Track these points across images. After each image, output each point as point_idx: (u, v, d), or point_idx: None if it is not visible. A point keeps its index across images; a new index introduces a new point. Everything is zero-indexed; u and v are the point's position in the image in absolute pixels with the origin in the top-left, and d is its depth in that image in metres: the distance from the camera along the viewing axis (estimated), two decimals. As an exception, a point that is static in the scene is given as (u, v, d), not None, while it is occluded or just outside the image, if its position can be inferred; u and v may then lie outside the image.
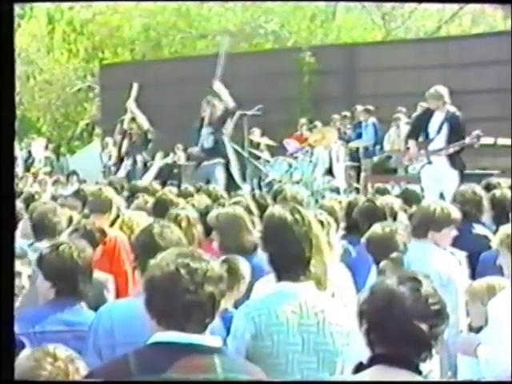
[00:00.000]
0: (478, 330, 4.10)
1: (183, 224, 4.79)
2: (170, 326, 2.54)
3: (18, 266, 3.60)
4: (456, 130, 9.59)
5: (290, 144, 14.77)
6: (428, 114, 9.90)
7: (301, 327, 3.25)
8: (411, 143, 10.06)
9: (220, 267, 2.64)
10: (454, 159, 9.61)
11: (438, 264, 4.63)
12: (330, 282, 4.11)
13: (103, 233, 5.20)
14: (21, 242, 4.81)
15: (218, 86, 11.69)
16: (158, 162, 12.99)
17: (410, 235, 4.82)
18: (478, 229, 5.82)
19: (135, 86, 12.71)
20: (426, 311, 2.38)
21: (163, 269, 2.55)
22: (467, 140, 9.58)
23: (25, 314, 3.55)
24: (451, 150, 9.56)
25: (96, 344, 3.33)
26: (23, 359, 2.42)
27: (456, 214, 4.99)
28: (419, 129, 10.06)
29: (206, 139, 11.27)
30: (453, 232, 4.93)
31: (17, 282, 3.55)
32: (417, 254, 4.57)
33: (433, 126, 9.75)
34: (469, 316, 4.32)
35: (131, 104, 12.64)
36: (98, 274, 4.25)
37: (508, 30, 20.55)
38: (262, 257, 3.56)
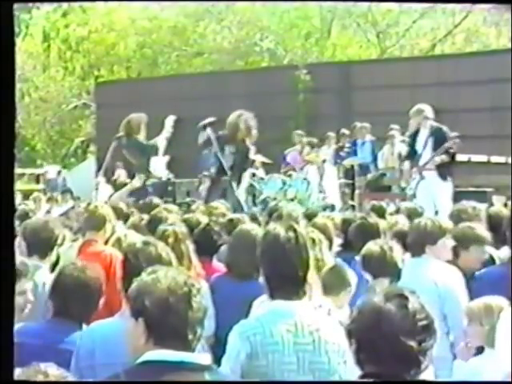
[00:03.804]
0: (478, 350, 4.08)
1: (170, 240, 4.73)
2: (167, 345, 2.53)
3: (23, 283, 3.61)
4: (441, 142, 9.87)
5: (293, 157, 14.80)
6: (415, 133, 10.18)
7: (296, 346, 3.23)
8: (405, 164, 10.33)
9: (204, 284, 2.68)
10: (444, 170, 9.80)
11: (435, 275, 4.65)
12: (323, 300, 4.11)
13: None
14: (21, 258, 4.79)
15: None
16: (136, 182, 12.87)
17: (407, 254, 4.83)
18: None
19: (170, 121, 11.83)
20: (414, 327, 2.38)
21: (163, 289, 2.55)
22: (447, 144, 9.76)
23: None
24: (437, 159, 9.77)
25: (78, 365, 3.30)
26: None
27: (447, 224, 5.07)
28: (411, 149, 10.32)
29: (228, 157, 11.23)
30: (449, 242, 4.96)
31: (21, 299, 3.55)
32: (414, 271, 4.57)
33: (419, 143, 10.06)
34: (467, 337, 4.29)
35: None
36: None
37: (502, 49, 20.69)
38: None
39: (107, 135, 14.33)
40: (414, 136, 10.19)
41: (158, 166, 12.87)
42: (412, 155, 10.24)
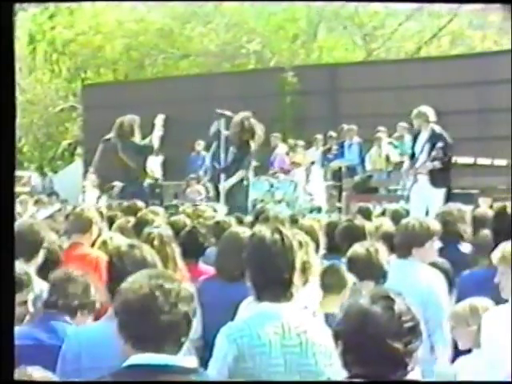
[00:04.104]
0: (467, 352, 4.09)
1: (156, 243, 4.72)
2: (145, 348, 2.51)
3: (24, 294, 3.66)
4: (439, 147, 9.70)
5: (280, 159, 14.83)
6: (415, 135, 10.24)
7: (283, 348, 3.23)
8: (406, 164, 10.37)
9: (190, 287, 2.63)
10: (436, 177, 9.76)
11: (420, 279, 4.65)
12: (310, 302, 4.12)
13: None
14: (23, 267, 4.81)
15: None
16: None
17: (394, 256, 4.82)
18: (465, 247, 5.82)
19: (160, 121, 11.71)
20: (400, 329, 2.38)
21: (137, 291, 2.52)
22: (433, 153, 9.72)
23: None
24: (429, 165, 9.69)
25: (64, 369, 3.29)
26: None
27: (435, 225, 5.04)
28: (412, 151, 10.32)
29: (230, 157, 11.21)
30: (436, 244, 4.96)
31: (21, 310, 3.60)
32: (400, 273, 4.57)
33: (418, 146, 9.99)
34: (457, 340, 4.31)
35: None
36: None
37: (487, 52, 20.81)
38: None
39: (94, 138, 14.32)
40: (415, 138, 10.18)
41: (154, 166, 12.86)
42: (411, 157, 10.25)
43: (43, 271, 4.50)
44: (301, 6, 23.92)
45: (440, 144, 9.70)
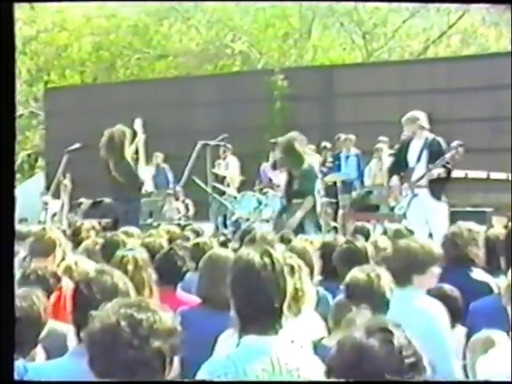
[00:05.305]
0: None
1: (130, 267, 4.72)
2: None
3: None
4: (437, 155, 9.63)
5: (269, 172, 14.84)
6: (406, 143, 10.03)
7: (273, 387, 3.22)
8: (394, 179, 10.11)
9: (173, 319, 2.60)
10: (438, 190, 9.67)
11: (421, 313, 4.64)
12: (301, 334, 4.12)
13: (57, 278, 5.15)
14: None
15: None
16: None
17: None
18: (477, 274, 5.81)
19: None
20: (401, 365, 2.36)
21: (103, 321, 2.51)
22: (448, 155, 9.61)
23: None
24: (434, 173, 9.62)
25: None
26: None
27: (438, 249, 5.03)
28: (400, 161, 10.12)
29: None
30: (436, 270, 4.95)
31: None
32: (399, 305, 4.56)
33: (412, 155, 9.85)
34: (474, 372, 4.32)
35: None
36: (55, 325, 4.21)
37: (502, 52, 20.92)
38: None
39: (58, 148, 14.30)
40: (406, 147, 9.98)
41: (146, 179, 12.84)
42: (402, 168, 10.03)
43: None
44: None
45: (443, 150, 9.62)
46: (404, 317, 4.37)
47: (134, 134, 11.12)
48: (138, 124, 11.42)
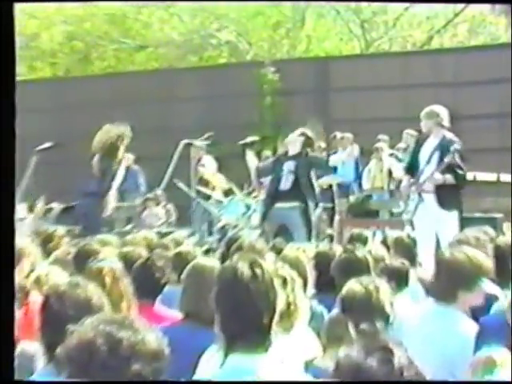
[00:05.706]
0: None
1: (107, 280, 4.71)
2: None
3: None
4: (452, 156, 9.49)
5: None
6: (422, 141, 9.92)
7: (260, 411, 3.22)
8: (405, 180, 10.03)
9: (159, 340, 2.58)
10: (448, 196, 9.57)
11: (463, 337, 4.48)
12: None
13: (25, 292, 5.13)
14: None
15: None
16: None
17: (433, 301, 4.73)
18: (487, 286, 5.80)
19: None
20: None
21: (80, 337, 2.51)
22: (446, 159, 9.49)
23: None
24: (438, 178, 9.53)
25: None
26: None
27: (488, 263, 4.88)
28: (413, 161, 9.98)
29: (286, 177, 11.11)
30: (485, 287, 4.79)
31: None
32: (441, 326, 4.49)
33: (424, 155, 9.77)
34: None
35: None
36: (23, 344, 4.20)
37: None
38: None
39: (26, 147, 14.26)
40: (420, 145, 9.88)
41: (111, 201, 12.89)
42: (413, 169, 9.93)
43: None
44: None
45: (453, 151, 9.49)
46: (442, 338, 4.34)
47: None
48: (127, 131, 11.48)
